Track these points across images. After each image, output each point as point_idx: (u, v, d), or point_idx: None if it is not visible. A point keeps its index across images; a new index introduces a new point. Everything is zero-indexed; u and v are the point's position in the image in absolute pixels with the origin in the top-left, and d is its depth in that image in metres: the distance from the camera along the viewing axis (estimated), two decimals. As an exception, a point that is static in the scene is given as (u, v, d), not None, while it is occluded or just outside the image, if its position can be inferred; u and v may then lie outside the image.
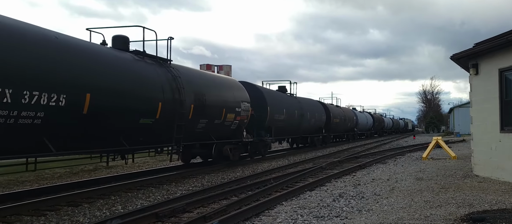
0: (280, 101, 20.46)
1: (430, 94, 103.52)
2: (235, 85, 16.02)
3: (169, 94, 10.98)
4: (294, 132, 23.43)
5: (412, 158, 17.91)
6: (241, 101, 15.32)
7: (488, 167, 10.37)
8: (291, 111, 21.47)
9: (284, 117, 20.09)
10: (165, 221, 6.93)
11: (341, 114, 34.03)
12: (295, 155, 21.69)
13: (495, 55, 9.99)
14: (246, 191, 9.80)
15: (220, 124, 13.93)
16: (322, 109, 28.51)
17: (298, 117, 22.66)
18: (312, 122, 25.40)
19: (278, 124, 19.40)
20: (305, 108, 24.07)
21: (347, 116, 35.76)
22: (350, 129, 37.84)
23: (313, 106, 26.73)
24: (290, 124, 21.38)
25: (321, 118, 27.49)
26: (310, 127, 25.31)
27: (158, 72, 10.99)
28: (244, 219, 6.83)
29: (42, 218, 7.16)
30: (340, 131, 34.53)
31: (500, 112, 9.83)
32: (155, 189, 10.29)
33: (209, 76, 14.89)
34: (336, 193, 9.14)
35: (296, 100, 23.40)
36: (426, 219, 6.18)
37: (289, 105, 21.69)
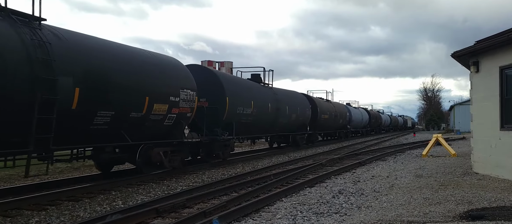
0: (246, 91, 16.63)
1: (431, 92, 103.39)
2: (172, 65, 11.99)
3: (23, 70, 7.38)
4: (268, 130, 19.51)
5: (412, 155, 17.94)
6: (181, 88, 11.63)
7: (487, 164, 10.38)
8: (263, 103, 17.72)
9: (252, 111, 16.45)
10: (165, 216, 6.96)
11: (331, 109, 30.33)
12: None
13: (496, 52, 9.98)
14: (246, 187, 9.83)
15: (141, 119, 10.29)
16: (306, 103, 24.61)
17: (274, 111, 18.95)
18: (293, 117, 21.70)
19: (243, 120, 16.00)
20: (283, 101, 20.33)
21: (339, 111, 32.34)
22: (343, 126, 34.47)
23: (294, 99, 22.87)
24: (261, 119, 17.70)
25: (305, 113, 23.66)
26: (290, 123, 21.59)
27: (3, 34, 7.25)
28: (244, 215, 6.86)
29: (42, 213, 7.19)
30: (330, 128, 30.99)
31: (500, 110, 9.83)
32: (155, 184, 10.33)
33: (119, 48, 10.21)
34: (335, 190, 9.17)
35: (271, 91, 19.53)
36: (425, 216, 6.20)
37: (261, 96, 17.89)
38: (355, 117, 39.18)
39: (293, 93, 23.82)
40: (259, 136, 20.18)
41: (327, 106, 29.71)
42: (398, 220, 6.03)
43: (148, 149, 10.96)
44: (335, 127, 32.20)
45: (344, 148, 24.48)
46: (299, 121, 23.00)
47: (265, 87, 19.37)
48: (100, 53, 9.29)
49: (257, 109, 16.96)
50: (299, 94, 24.90)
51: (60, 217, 6.97)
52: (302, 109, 23.13)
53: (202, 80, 13.70)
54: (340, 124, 33.13)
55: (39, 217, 6.91)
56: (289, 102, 21.39)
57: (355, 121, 39.23)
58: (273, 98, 19.25)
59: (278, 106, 19.47)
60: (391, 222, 5.90)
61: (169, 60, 12.23)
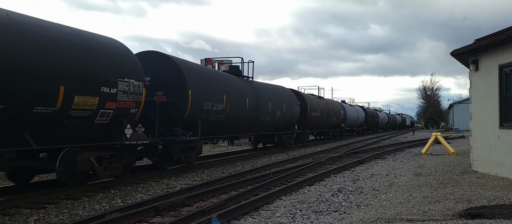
0: (217, 84, 14.18)
1: (430, 90, 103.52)
2: (107, 48, 9.38)
3: None
4: (246, 129, 17.09)
5: (411, 154, 17.95)
6: (120, 76, 9.16)
7: (486, 163, 10.39)
8: (239, 99, 15.48)
9: (224, 107, 14.09)
10: (165, 214, 6.95)
11: (324, 106, 28.17)
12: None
13: (495, 51, 9.97)
14: (246, 185, 9.83)
15: (55, 115, 7.80)
16: (294, 99, 22.27)
17: (253, 108, 16.51)
18: (278, 115, 19.32)
19: (213, 117, 13.68)
20: (265, 96, 17.82)
21: (332, 109, 30.24)
22: (336, 124, 32.46)
23: (280, 94, 20.42)
24: (237, 117, 15.30)
25: (292, 110, 21.33)
26: (275, 121, 19.18)
27: None
28: (243, 213, 6.85)
29: (41, 211, 7.18)
30: (322, 127, 28.69)
31: (500, 108, 9.83)
32: (154, 183, 10.32)
33: (21, 21, 7.52)
34: (335, 188, 9.17)
35: (251, 86, 17.08)
36: (424, 214, 6.20)
37: (237, 91, 15.51)
38: (351, 115, 37.28)
39: (278, 88, 21.48)
40: (236, 136, 17.28)
41: (318, 103, 27.43)
42: (397, 218, 6.03)
43: (73, 154, 8.52)
44: (328, 125, 30.10)
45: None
46: (286, 119, 20.65)
47: (243, 80, 16.92)
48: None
49: (231, 105, 14.56)
50: (285, 89, 22.55)
51: (59, 216, 6.96)
52: (289, 106, 20.87)
53: (158, 70, 11.92)
54: (333, 123, 31.20)
55: (38, 216, 6.90)
56: (273, 98, 18.92)
57: (351, 120, 37.34)
58: (253, 93, 16.76)
59: (258, 102, 16.98)
60: (391, 221, 5.90)
61: (104, 41, 9.43)
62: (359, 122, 42.09)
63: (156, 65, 12.04)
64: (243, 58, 17.51)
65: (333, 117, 30.45)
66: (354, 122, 39.43)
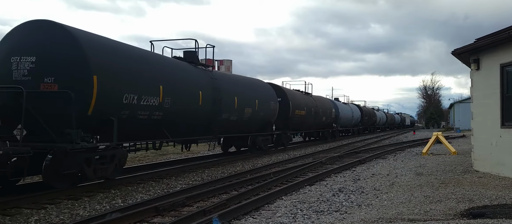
0: (148, 70, 10.46)
1: (431, 90, 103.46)
2: None
3: None
4: (200, 130, 13.34)
5: (412, 153, 17.92)
6: None
7: (488, 162, 10.36)
8: (187, 91, 11.97)
9: (161, 102, 10.56)
10: (165, 214, 6.93)
11: (311, 104, 24.80)
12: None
13: (496, 50, 9.94)
14: (246, 185, 9.81)
15: None
16: (271, 94, 18.61)
17: (209, 103, 13.06)
18: (248, 113, 15.75)
19: (142, 115, 10.13)
20: (228, 90, 14.40)
21: (321, 107, 27.05)
22: (327, 124, 29.41)
23: (250, 88, 16.72)
24: (183, 115, 11.91)
25: (268, 107, 17.74)
26: (243, 121, 15.68)
27: None
28: (244, 213, 6.83)
29: (42, 211, 7.16)
30: (309, 127, 25.42)
31: (501, 107, 9.81)
32: (155, 183, 10.30)
33: None
34: (335, 188, 9.15)
35: (208, 76, 13.51)
36: (426, 214, 6.18)
37: (184, 81, 12.03)
38: (344, 114, 34.27)
39: (248, 81, 17.74)
40: (187, 139, 13.60)
41: (304, 100, 23.97)
42: (398, 218, 6.00)
43: None
44: (317, 125, 26.95)
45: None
46: (260, 118, 17.02)
47: (199, 69, 13.47)
48: None
49: (172, 98, 11.07)
50: (260, 83, 18.97)
51: (60, 216, 6.95)
52: (264, 102, 17.35)
53: (48, 47, 8.42)
54: (323, 122, 28.05)
55: (39, 216, 6.89)
56: (241, 92, 15.40)
57: (344, 119, 34.38)
58: (210, 84, 13.34)
59: (218, 97, 13.54)
60: (392, 220, 5.88)
61: None
62: (354, 121, 39.20)
63: (45, 41, 8.49)
64: (197, 40, 13.86)
65: (322, 116, 27.38)
66: (348, 122, 36.48)
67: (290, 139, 22.85)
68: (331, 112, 30.19)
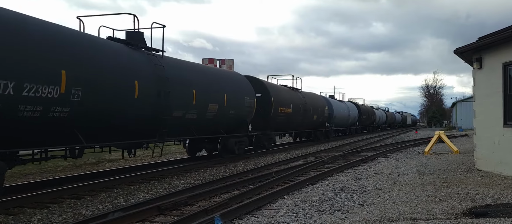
0: (37, 47, 7.65)
1: (433, 89, 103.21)
2: None
3: None
4: (141, 131, 10.58)
5: (414, 153, 17.89)
6: None
7: (490, 161, 10.34)
8: (113, 81, 9.32)
9: (64, 93, 7.97)
10: (167, 214, 6.95)
11: (299, 100, 22.08)
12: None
13: (499, 49, 9.92)
14: (248, 184, 9.82)
15: None
16: (246, 88, 15.78)
17: (150, 97, 10.29)
18: (212, 111, 13.01)
19: (29, 112, 7.43)
20: (181, 80, 11.61)
21: (312, 104, 24.37)
22: (320, 124, 26.72)
23: (216, 79, 13.93)
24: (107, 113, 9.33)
25: (242, 104, 15.14)
26: (208, 120, 13.00)
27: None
28: (246, 213, 6.84)
29: (45, 211, 7.19)
30: (297, 126, 22.69)
31: (504, 106, 9.78)
32: (157, 182, 10.32)
33: None
34: (337, 187, 9.15)
35: (150, 62, 10.62)
36: (428, 213, 6.17)
37: (109, 67, 9.30)
38: (339, 113, 31.63)
39: (214, 71, 15.05)
40: (111, 144, 10.39)
41: (290, 96, 21.23)
42: (401, 217, 6.00)
43: None
44: (307, 125, 24.30)
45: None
46: (230, 116, 14.36)
47: (139, 52, 10.72)
48: None
49: (87, 89, 8.52)
50: (230, 74, 16.26)
51: (62, 215, 6.97)
52: (236, 98, 14.64)
53: None
54: (314, 121, 25.36)
55: (41, 215, 6.91)
56: (202, 84, 12.58)
57: (340, 118, 31.90)
58: (153, 73, 10.53)
59: (165, 89, 10.63)
60: (394, 220, 5.87)
61: None
62: (351, 120, 36.57)
63: None
64: (136, 16, 10.92)
65: (313, 114, 24.71)
66: (343, 121, 33.90)
67: (273, 140, 20.18)
68: (324, 110, 27.48)
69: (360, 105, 43.24)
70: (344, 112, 33.64)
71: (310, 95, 26.00)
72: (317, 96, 28.40)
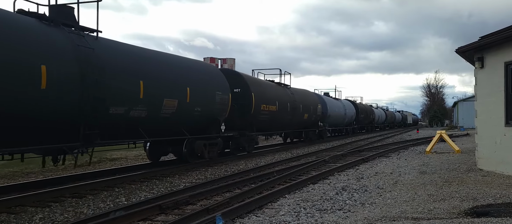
0: None
1: (434, 88, 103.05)
2: None
3: None
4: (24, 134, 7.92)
5: (415, 152, 17.87)
6: None
7: (492, 161, 10.32)
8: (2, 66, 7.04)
9: None
10: (169, 213, 6.96)
11: (286, 98, 19.74)
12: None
13: (501, 48, 9.90)
14: (249, 184, 9.82)
15: None
16: (219, 82, 13.87)
17: (67, 89, 8.15)
18: (169, 108, 11.09)
19: None
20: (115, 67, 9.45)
21: (302, 102, 22.06)
22: (312, 123, 24.76)
23: (176, 70, 11.80)
24: None
25: (213, 100, 13.18)
26: (160, 120, 10.97)
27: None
28: (247, 212, 6.84)
29: (46, 209, 7.20)
30: (284, 126, 20.34)
31: (505, 105, 9.77)
32: (158, 181, 10.33)
33: None
34: (339, 186, 9.14)
35: (71, 41, 8.46)
36: (430, 213, 6.16)
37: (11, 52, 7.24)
38: (334, 111, 29.67)
39: (174, 59, 12.42)
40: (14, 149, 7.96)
41: (277, 92, 18.78)
42: (402, 216, 6.00)
43: None
44: (297, 124, 22.05)
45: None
46: (196, 114, 12.36)
47: (53, 29, 8.38)
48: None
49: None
50: (195, 64, 13.58)
51: (64, 214, 6.98)
52: (203, 92, 12.61)
53: None
54: (305, 121, 23.19)
55: (43, 214, 6.92)
56: (154, 75, 10.59)
57: (334, 117, 29.79)
58: (80, 58, 8.48)
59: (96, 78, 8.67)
60: (395, 219, 5.87)
61: None
62: (348, 120, 34.48)
63: None
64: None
65: (304, 113, 22.44)
66: (339, 120, 31.94)
67: (255, 142, 17.68)
68: (316, 108, 25.11)
69: (358, 103, 41.28)
70: (339, 111, 31.71)
71: (301, 92, 23.57)
72: (308, 93, 25.71)
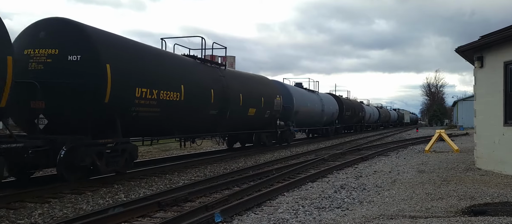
0: None
1: (434, 87, 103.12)
2: None
3: None
4: None
5: (414, 151, 17.91)
6: None
7: (490, 160, 10.35)
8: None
9: None
10: (167, 209, 6.98)
11: (209, 80, 13.24)
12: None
13: (500, 48, 9.91)
14: (248, 181, 9.84)
15: None
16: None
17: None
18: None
19: None
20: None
21: (245, 90, 15.31)
22: (266, 122, 17.42)
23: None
24: None
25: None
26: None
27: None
28: (246, 209, 6.86)
29: (45, 205, 7.22)
30: (196, 126, 13.24)
31: (504, 105, 9.79)
32: (157, 178, 10.35)
33: None
34: (337, 185, 9.17)
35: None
36: (427, 211, 6.19)
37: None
38: (306, 107, 22.53)
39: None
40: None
41: (183, 70, 12.12)
42: (400, 215, 6.02)
43: None
44: (236, 123, 15.32)
45: None
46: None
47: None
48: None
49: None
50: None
51: (63, 210, 7.00)
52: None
53: None
54: (253, 118, 16.04)
55: (42, 210, 6.95)
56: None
57: (305, 114, 22.45)
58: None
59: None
60: (393, 217, 5.90)
61: None
62: (327, 118, 27.15)
63: None
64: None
65: (248, 106, 15.48)
66: (314, 119, 24.53)
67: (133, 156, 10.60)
68: (274, 101, 17.20)
69: (344, 98, 34.45)
70: (313, 106, 24.18)
71: (245, 76, 16.45)
72: (260, 80, 17.59)
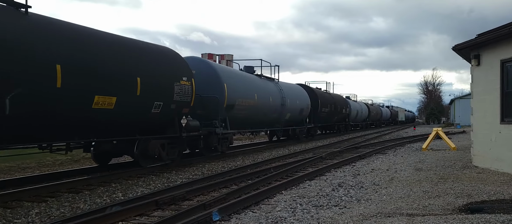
0: None
1: (431, 85, 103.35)
2: None
3: None
4: None
5: (412, 149, 17.95)
6: None
7: (487, 158, 10.39)
8: None
9: None
10: (165, 208, 6.97)
11: None
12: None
13: (497, 46, 9.94)
14: (246, 180, 9.85)
15: None
16: None
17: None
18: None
19: None
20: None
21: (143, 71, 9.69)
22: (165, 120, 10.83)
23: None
24: None
25: None
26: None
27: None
28: (244, 207, 6.87)
29: (43, 204, 7.21)
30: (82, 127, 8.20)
31: (501, 103, 9.82)
32: (155, 177, 10.34)
33: None
34: (335, 183, 9.19)
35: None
36: (424, 209, 6.21)
37: None
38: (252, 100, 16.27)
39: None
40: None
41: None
42: (397, 213, 6.04)
43: None
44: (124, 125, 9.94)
45: None
46: None
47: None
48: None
49: None
50: None
51: (60, 209, 6.99)
52: None
53: None
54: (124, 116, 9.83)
55: (39, 209, 6.93)
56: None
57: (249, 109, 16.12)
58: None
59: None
60: (391, 215, 5.91)
61: None
62: (292, 116, 20.91)
63: None
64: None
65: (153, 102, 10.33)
66: (268, 117, 18.37)
67: None
68: (185, 89, 11.62)
69: (320, 91, 27.10)
70: (265, 99, 17.50)
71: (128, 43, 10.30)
72: (157, 51, 11.29)
